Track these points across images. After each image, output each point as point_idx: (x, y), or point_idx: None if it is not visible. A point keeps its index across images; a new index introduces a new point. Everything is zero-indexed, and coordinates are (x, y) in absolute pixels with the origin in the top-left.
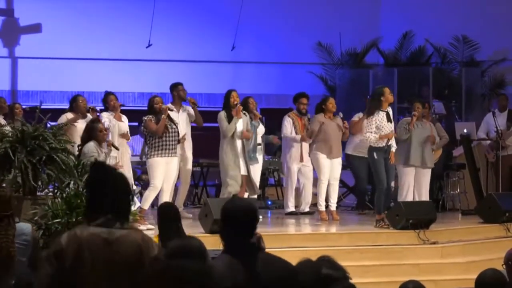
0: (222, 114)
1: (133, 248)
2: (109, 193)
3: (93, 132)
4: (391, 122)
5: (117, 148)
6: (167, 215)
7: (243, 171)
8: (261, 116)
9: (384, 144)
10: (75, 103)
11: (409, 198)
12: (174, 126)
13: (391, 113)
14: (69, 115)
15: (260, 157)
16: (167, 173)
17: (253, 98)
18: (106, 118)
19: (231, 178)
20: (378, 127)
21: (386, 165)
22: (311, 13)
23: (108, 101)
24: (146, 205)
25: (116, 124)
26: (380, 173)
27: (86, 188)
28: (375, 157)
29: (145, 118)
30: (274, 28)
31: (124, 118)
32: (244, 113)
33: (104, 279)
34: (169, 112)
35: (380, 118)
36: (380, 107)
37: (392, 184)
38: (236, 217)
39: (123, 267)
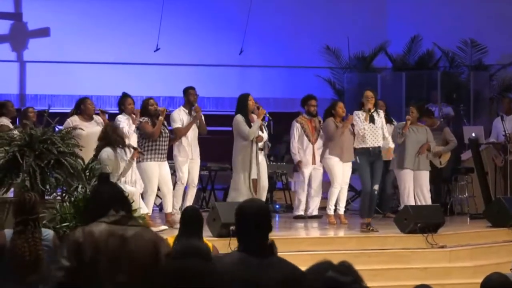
0: (240, 118)
1: (150, 245)
2: (115, 192)
3: (116, 133)
4: (373, 123)
5: (142, 154)
6: (191, 219)
7: (254, 175)
8: (268, 127)
9: (368, 146)
10: (84, 105)
11: (411, 202)
12: (166, 131)
13: (375, 115)
14: (75, 119)
15: (263, 161)
16: (163, 177)
17: (259, 103)
18: (124, 122)
19: (243, 182)
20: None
21: (372, 168)
22: (319, 17)
23: (126, 104)
24: (149, 210)
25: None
26: (362, 176)
27: (93, 192)
28: (357, 160)
29: (141, 120)
30: (282, 32)
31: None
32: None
33: (120, 274)
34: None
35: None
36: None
37: (376, 187)
38: (251, 217)
39: (139, 264)
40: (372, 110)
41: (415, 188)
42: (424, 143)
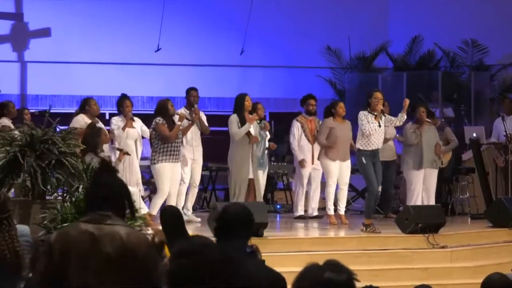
0: (234, 118)
1: (116, 244)
2: (104, 191)
3: (98, 138)
4: (379, 126)
5: (128, 154)
6: (170, 218)
7: (250, 175)
8: (269, 128)
9: (373, 148)
10: (88, 106)
11: (419, 202)
12: (180, 133)
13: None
14: (85, 118)
15: (266, 162)
16: (172, 178)
17: (262, 104)
18: (115, 124)
19: (237, 183)
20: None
21: (375, 168)
22: (320, 17)
23: (124, 106)
24: (155, 211)
25: (125, 132)
26: (370, 176)
27: (88, 188)
28: (364, 161)
29: (157, 120)
30: (282, 32)
31: (137, 123)
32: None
33: (90, 274)
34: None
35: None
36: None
37: (380, 188)
38: (230, 223)
39: (106, 262)
40: (384, 112)
41: (422, 187)
42: (435, 142)
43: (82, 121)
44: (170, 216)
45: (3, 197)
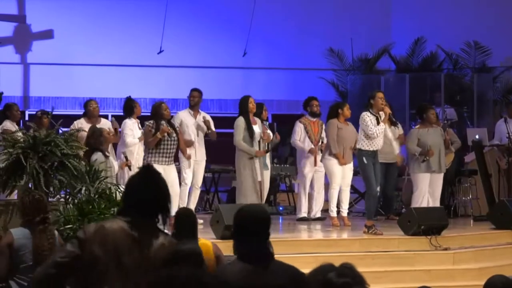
0: (240, 122)
1: (163, 253)
2: (149, 195)
3: (101, 137)
4: (378, 125)
5: (130, 168)
6: (184, 220)
7: (259, 177)
8: (271, 136)
9: (375, 149)
10: (87, 108)
11: (424, 205)
12: (174, 135)
13: (382, 119)
14: (83, 122)
15: (268, 163)
16: (169, 181)
17: (265, 106)
18: (130, 129)
19: (250, 186)
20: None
21: (374, 169)
22: (322, 19)
23: (138, 106)
24: None
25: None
26: (370, 178)
27: (128, 184)
28: (365, 161)
29: (147, 123)
30: (285, 34)
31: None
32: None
33: (123, 276)
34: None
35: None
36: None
37: (378, 188)
38: (249, 224)
39: (148, 268)
40: (389, 113)
41: (428, 190)
42: (441, 144)
43: (75, 126)
44: (183, 218)
45: (44, 198)
